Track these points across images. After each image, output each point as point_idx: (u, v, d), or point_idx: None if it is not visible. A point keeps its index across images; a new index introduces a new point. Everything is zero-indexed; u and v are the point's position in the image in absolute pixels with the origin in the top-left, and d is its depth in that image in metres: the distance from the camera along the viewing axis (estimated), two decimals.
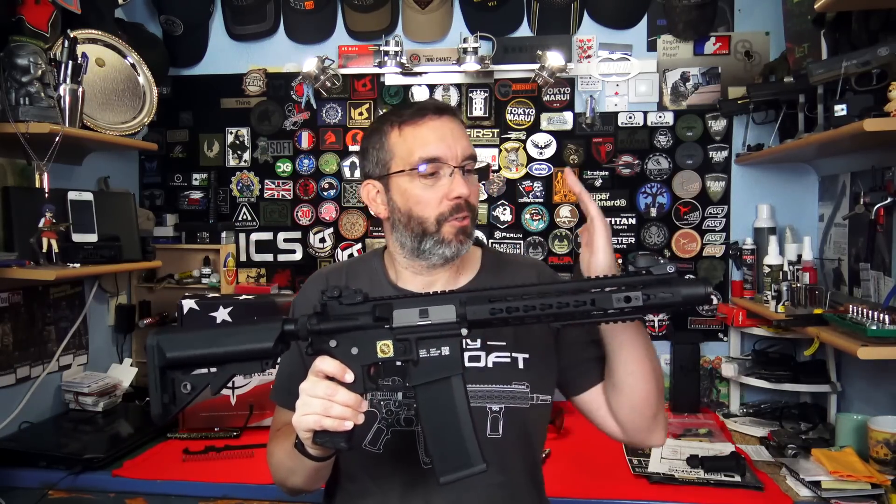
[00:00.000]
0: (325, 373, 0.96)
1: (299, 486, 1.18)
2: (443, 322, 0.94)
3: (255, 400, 2.13)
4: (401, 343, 0.95)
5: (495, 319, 0.93)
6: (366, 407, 0.97)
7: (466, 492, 1.14)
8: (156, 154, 2.72)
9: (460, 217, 1.16)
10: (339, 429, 0.94)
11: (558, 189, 2.59)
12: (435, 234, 1.17)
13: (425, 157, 1.16)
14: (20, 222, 1.95)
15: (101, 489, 1.81)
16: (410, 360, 0.95)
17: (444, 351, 0.95)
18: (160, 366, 0.97)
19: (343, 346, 0.96)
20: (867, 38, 1.78)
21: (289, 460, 1.13)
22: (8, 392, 2.02)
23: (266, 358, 0.97)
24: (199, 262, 2.63)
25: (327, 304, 0.97)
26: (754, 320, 2.29)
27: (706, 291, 0.90)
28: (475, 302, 0.94)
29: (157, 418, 1.00)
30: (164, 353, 0.97)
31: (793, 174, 2.45)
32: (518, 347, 1.20)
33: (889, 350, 1.53)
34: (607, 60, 2.55)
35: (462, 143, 1.19)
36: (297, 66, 2.62)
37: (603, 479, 1.79)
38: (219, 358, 0.98)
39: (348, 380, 0.95)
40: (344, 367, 0.95)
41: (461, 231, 1.17)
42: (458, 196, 1.16)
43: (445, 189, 1.16)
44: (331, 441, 0.96)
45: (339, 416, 0.94)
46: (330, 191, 2.70)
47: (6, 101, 1.84)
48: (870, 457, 1.75)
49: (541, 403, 1.20)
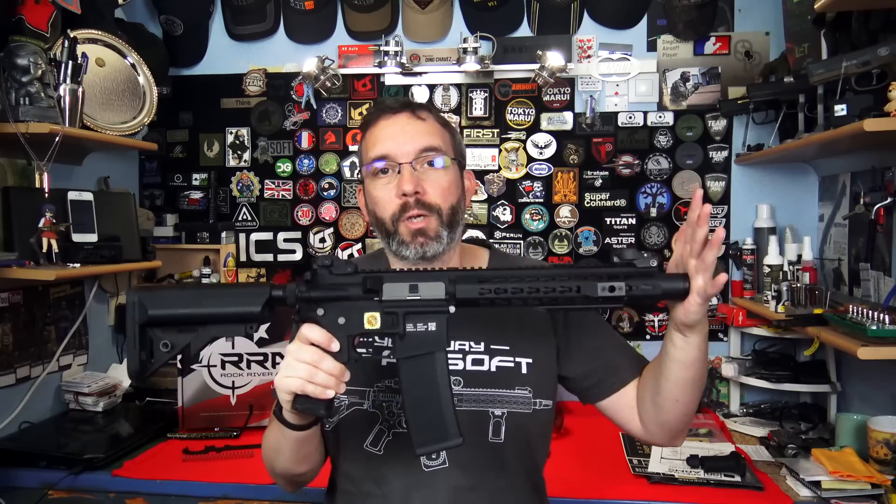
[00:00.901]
0: (311, 340, 0.95)
1: (286, 468, 1.17)
2: (432, 298, 0.95)
3: (255, 400, 2.13)
4: (388, 316, 0.96)
5: (483, 299, 0.94)
6: (348, 376, 0.97)
7: (467, 495, 1.14)
8: (156, 154, 2.72)
9: (413, 216, 1.15)
10: (320, 396, 0.94)
11: (558, 189, 2.59)
12: (395, 234, 1.17)
13: (374, 155, 1.17)
14: (20, 222, 1.95)
15: (101, 489, 1.81)
16: (397, 334, 0.96)
17: (430, 326, 0.96)
18: (141, 322, 0.95)
19: (330, 314, 0.96)
20: (867, 38, 1.78)
21: (273, 436, 1.13)
22: (8, 392, 2.02)
23: (251, 322, 0.96)
24: (199, 262, 2.63)
25: (318, 273, 0.97)
26: (754, 320, 2.29)
27: (684, 286, 0.95)
28: (465, 281, 0.95)
29: (133, 375, 0.97)
30: (146, 309, 0.95)
31: (793, 174, 2.45)
32: (521, 352, 1.20)
33: (889, 350, 1.53)
34: (607, 60, 2.55)
35: (416, 139, 1.17)
36: (297, 66, 2.62)
37: (603, 479, 1.79)
38: (203, 318, 0.96)
39: (334, 349, 0.95)
40: (330, 336, 0.95)
41: (418, 232, 1.15)
42: (404, 193, 1.14)
43: (396, 188, 1.16)
44: (311, 407, 0.96)
45: (323, 383, 0.94)
46: (330, 191, 2.70)
47: (6, 101, 1.84)
48: (870, 457, 1.75)
49: (543, 409, 1.20)
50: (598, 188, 2.58)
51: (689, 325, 0.98)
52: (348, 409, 1.18)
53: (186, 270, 2.62)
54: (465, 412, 1.15)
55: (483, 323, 1.19)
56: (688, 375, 1.06)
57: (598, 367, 1.22)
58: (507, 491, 1.18)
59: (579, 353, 1.23)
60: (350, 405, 1.19)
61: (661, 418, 1.14)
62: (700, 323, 0.99)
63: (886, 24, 1.74)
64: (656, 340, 2.50)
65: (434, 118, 1.22)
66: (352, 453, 1.19)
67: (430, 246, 1.16)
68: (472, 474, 1.15)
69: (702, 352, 1.04)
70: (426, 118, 1.21)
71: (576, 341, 1.24)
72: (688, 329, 1.00)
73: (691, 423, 1.19)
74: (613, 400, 1.21)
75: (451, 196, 1.19)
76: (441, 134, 1.21)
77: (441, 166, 1.18)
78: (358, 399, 1.18)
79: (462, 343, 1.20)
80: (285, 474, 1.20)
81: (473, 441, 1.14)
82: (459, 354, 1.19)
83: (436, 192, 1.17)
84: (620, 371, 1.21)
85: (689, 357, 1.03)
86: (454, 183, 1.20)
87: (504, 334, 1.20)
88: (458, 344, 1.19)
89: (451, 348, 1.18)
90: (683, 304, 0.96)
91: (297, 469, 1.17)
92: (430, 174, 1.17)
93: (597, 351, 1.23)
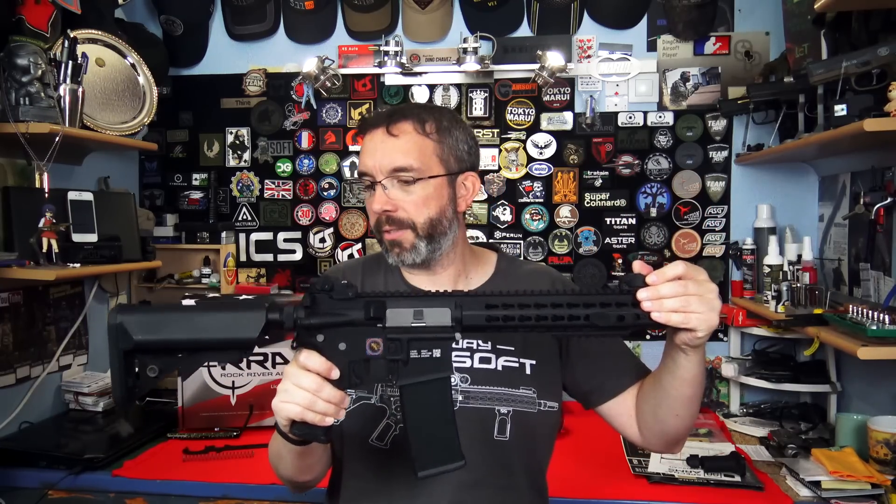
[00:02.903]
0: (310, 369, 0.93)
1: (289, 476, 1.17)
2: (437, 325, 0.92)
3: (255, 400, 2.12)
4: (392, 342, 0.93)
5: (490, 326, 0.92)
6: (348, 402, 0.96)
7: (471, 492, 1.14)
8: (156, 154, 2.72)
9: (386, 230, 1.19)
10: (320, 424, 0.93)
11: (558, 189, 2.59)
12: (382, 242, 1.22)
13: (359, 171, 1.23)
14: (20, 222, 1.95)
15: (101, 489, 1.81)
16: (400, 360, 0.94)
17: (435, 353, 0.94)
18: (125, 349, 0.89)
19: (330, 340, 0.93)
20: (867, 38, 1.78)
21: (275, 444, 1.12)
22: (8, 392, 2.02)
23: (248, 348, 0.93)
24: (199, 262, 2.63)
25: (316, 298, 0.93)
26: (754, 320, 2.29)
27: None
28: (471, 307, 0.92)
29: (119, 402, 0.92)
30: (131, 335, 0.88)
31: (793, 174, 2.45)
32: (526, 353, 1.21)
33: (889, 350, 1.53)
34: (607, 60, 2.55)
35: (387, 158, 1.17)
36: (297, 66, 2.62)
37: (603, 478, 1.79)
38: (194, 345, 0.91)
39: (334, 377, 0.93)
40: (331, 365, 0.93)
41: (392, 244, 1.19)
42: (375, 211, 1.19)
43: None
44: (310, 432, 0.95)
45: (323, 411, 0.93)
46: (330, 191, 2.70)
47: (6, 101, 1.84)
48: (870, 457, 1.75)
49: (548, 410, 1.21)
50: (598, 188, 2.58)
51: (693, 346, 0.99)
52: (355, 403, 1.19)
53: (186, 270, 2.62)
54: (471, 409, 1.16)
55: None
56: (688, 391, 1.07)
57: (597, 372, 1.23)
58: (511, 489, 1.18)
59: (580, 356, 1.24)
60: (357, 399, 1.19)
61: (661, 429, 1.15)
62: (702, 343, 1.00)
63: (886, 24, 1.74)
64: (656, 340, 2.50)
65: (414, 130, 1.19)
66: (357, 447, 1.19)
67: (405, 256, 1.20)
68: (476, 471, 1.15)
69: (701, 368, 1.05)
70: (400, 134, 1.18)
71: (577, 346, 1.25)
72: (690, 349, 1.00)
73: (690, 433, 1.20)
74: (612, 405, 1.23)
75: (427, 209, 1.18)
76: (418, 148, 1.18)
77: (414, 183, 1.18)
78: (366, 393, 1.19)
79: (470, 341, 1.21)
80: (289, 481, 1.20)
81: (479, 438, 1.15)
82: (467, 352, 1.20)
83: (409, 207, 1.18)
84: (620, 377, 1.22)
85: (690, 374, 1.04)
86: (431, 196, 1.19)
87: (511, 335, 1.21)
88: (467, 342, 1.20)
89: (460, 346, 1.19)
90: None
91: (299, 478, 1.18)
92: (402, 191, 1.18)
93: (597, 356, 1.24)
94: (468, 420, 1.14)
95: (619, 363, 1.24)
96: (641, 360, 1.29)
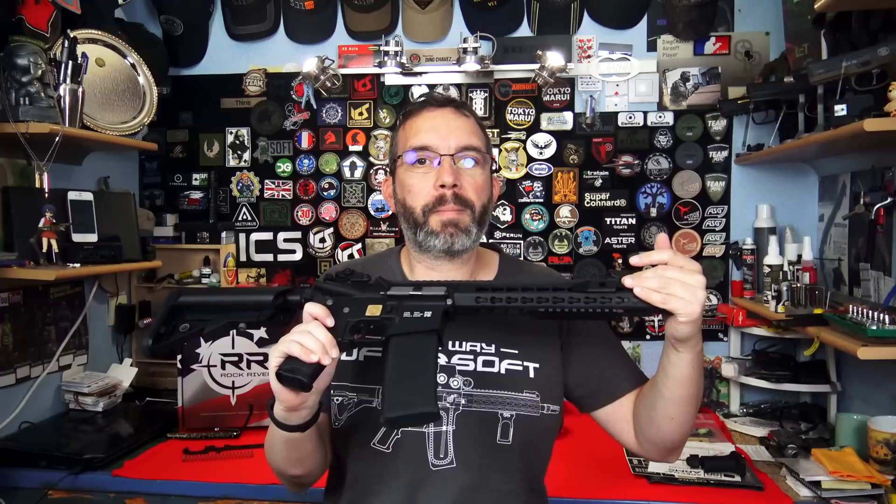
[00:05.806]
0: (310, 314, 1.01)
1: (279, 467, 1.18)
2: (433, 294, 1.01)
3: (255, 400, 2.13)
4: (390, 305, 1.01)
5: (481, 307, 0.98)
6: (336, 353, 0.98)
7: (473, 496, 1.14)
8: (156, 154, 2.72)
9: (446, 209, 1.16)
10: (304, 357, 0.96)
11: (558, 189, 2.59)
12: (424, 224, 1.18)
13: (414, 145, 1.19)
14: (20, 222, 1.95)
15: (101, 489, 1.81)
16: (393, 318, 1.00)
17: (426, 314, 0.98)
18: (171, 304, 1.09)
19: (337, 305, 1.03)
20: (867, 38, 1.78)
21: (269, 433, 1.14)
22: (8, 392, 2.02)
23: (263, 308, 1.05)
24: (199, 262, 2.63)
25: (335, 278, 1.06)
26: (754, 320, 2.29)
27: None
28: (463, 289, 1.00)
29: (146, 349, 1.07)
30: (178, 296, 1.11)
31: (793, 174, 2.45)
32: (529, 357, 1.21)
33: (889, 350, 1.53)
34: (607, 60, 2.55)
35: (459, 135, 1.18)
36: (297, 66, 2.62)
37: (603, 479, 1.79)
38: (222, 304, 1.09)
39: (329, 324, 1.00)
40: (328, 312, 1.01)
41: (450, 223, 1.16)
42: (443, 185, 1.15)
43: (433, 179, 1.17)
44: (295, 368, 0.97)
45: (310, 346, 0.96)
46: (330, 191, 2.70)
47: (6, 101, 1.84)
48: (870, 457, 1.75)
49: (550, 414, 1.20)
50: (598, 188, 2.58)
51: (681, 340, 0.99)
52: (358, 406, 1.19)
53: (186, 270, 2.62)
54: (474, 413, 1.16)
55: (495, 326, 1.20)
56: (683, 393, 1.06)
57: (594, 377, 1.22)
58: (512, 494, 1.18)
59: (578, 360, 1.24)
60: (359, 402, 1.19)
61: (656, 435, 1.15)
62: (692, 338, 0.99)
63: (886, 24, 1.74)
64: (656, 340, 2.50)
65: (475, 119, 1.25)
66: (359, 450, 1.19)
67: (458, 238, 1.17)
68: (478, 475, 1.15)
69: (695, 370, 1.04)
70: (469, 117, 1.23)
71: (576, 348, 1.24)
72: (680, 344, 1.00)
73: (685, 442, 1.19)
74: (608, 411, 1.22)
75: (483, 195, 1.21)
76: (479, 135, 1.23)
77: (478, 165, 1.20)
78: (367, 396, 1.19)
79: (474, 344, 1.20)
80: (279, 472, 1.20)
81: (482, 442, 1.15)
82: (471, 356, 1.20)
83: (471, 188, 1.19)
84: (617, 382, 1.22)
85: (684, 374, 1.04)
86: (487, 184, 1.23)
87: (514, 338, 1.21)
88: (470, 345, 1.20)
89: (463, 349, 1.19)
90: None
91: (289, 470, 1.18)
92: (467, 171, 1.19)
93: (595, 360, 1.23)
94: (471, 424, 1.14)
95: (617, 368, 1.23)
96: (641, 360, 1.29)
